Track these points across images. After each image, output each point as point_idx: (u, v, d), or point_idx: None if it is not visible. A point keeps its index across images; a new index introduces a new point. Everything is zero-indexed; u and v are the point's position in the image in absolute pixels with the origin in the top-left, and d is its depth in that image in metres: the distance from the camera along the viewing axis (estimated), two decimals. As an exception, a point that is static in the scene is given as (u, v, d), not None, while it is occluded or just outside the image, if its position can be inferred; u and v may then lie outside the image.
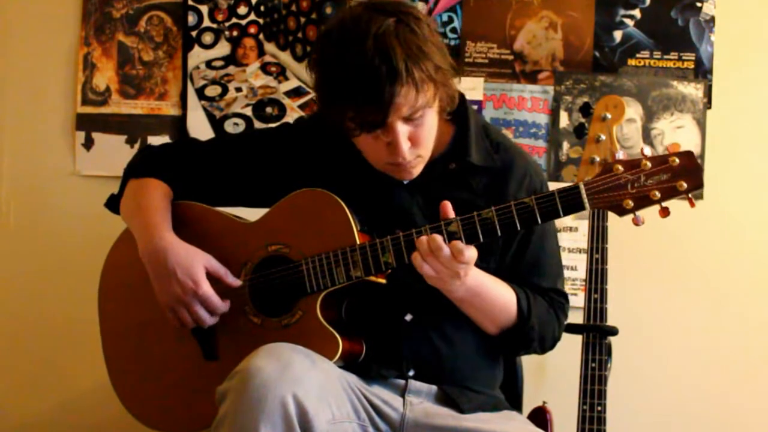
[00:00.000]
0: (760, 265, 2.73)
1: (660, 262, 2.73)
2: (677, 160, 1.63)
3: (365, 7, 1.77)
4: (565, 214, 1.70)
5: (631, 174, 1.66)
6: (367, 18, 1.73)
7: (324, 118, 1.86)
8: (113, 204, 2.10)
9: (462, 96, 1.93)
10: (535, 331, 1.91)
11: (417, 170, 1.86)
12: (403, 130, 1.77)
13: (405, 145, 1.78)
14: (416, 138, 1.79)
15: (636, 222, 1.67)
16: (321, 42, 1.82)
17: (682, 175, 1.63)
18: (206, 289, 1.88)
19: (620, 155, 1.68)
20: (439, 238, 1.72)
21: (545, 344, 1.97)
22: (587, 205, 1.68)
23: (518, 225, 1.72)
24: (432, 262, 1.73)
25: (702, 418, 2.73)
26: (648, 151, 1.66)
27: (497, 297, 1.88)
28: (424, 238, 1.73)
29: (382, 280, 1.85)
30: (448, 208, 1.75)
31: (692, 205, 1.67)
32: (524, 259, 1.95)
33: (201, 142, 2.15)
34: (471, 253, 1.72)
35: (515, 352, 2.06)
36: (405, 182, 1.92)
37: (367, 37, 1.69)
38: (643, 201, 1.65)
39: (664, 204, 1.65)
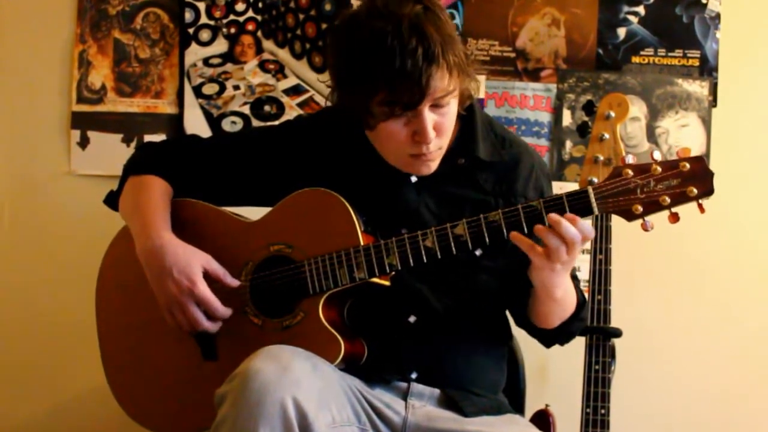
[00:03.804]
0: (765, 267, 2.72)
1: (664, 262, 2.72)
2: (688, 166, 1.62)
3: None
4: (574, 217, 1.70)
5: (641, 179, 1.64)
6: (398, 2, 1.74)
7: (343, 105, 1.84)
8: (112, 201, 2.08)
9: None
10: (586, 318, 1.95)
11: (435, 164, 1.86)
12: (430, 116, 1.76)
13: (432, 132, 1.77)
14: (440, 127, 1.79)
15: (645, 227, 1.66)
16: (348, 25, 1.80)
17: (693, 181, 1.62)
18: (202, 288, 1.86)
19: (630, 159, 1.67)
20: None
21: None
22: (596, 209, 1.67)
23: (525, 228, 1.70)
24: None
25: (706, 421, 2.72)
26: (658, 155, 1.65)
27: (572, 291, 1.88)
28: (554, 215, 1.68)
29: (386, 282, 1.84)
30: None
31: (702, 211, 1.65)
32: None
33: (202, 139, 2.13)
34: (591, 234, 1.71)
35: (565, 340, 2.01)
36: (413, 180, 1.90)
37: (402, 20, 1.71)
38: (653, 206, 1.64)
39: (673, 210, 1.64)
